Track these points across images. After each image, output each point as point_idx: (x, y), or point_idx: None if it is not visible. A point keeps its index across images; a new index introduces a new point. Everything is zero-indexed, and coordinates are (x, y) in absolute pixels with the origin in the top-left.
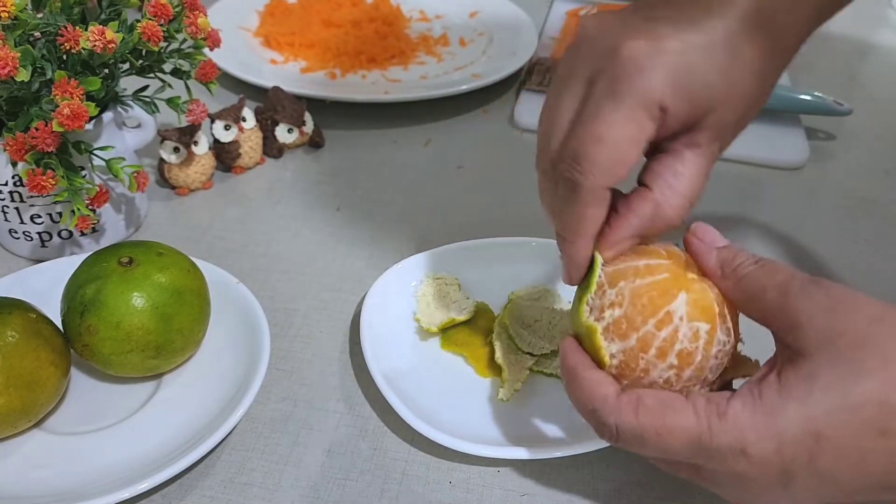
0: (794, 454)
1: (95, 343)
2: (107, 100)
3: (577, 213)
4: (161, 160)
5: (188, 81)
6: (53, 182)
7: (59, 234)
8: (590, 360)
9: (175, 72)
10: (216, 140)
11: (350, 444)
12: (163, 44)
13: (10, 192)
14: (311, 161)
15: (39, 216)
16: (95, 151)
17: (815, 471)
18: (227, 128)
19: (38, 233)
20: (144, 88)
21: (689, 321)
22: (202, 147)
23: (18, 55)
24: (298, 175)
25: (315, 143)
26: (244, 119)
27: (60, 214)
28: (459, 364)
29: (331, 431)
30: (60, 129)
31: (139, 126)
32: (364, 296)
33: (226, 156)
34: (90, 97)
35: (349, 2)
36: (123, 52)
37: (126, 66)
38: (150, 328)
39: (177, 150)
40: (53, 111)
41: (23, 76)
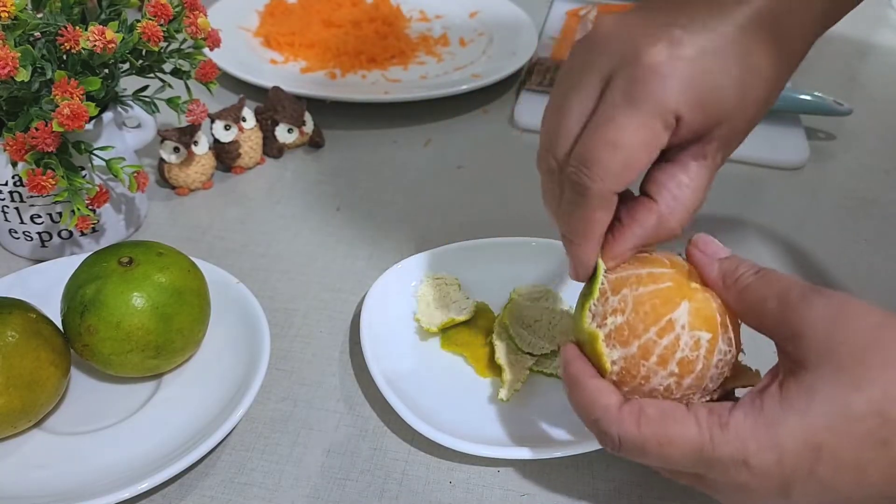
0: (795, 465)
1: (95, 343)
2: (107, 100)
3: (584, 217)
4: (161, 160)
5: (188, 81)
6: (53, 182)
7: (59, 234)
8: (592, 369)
9: (175, 72)
10: (216, 140)
11: (350, 444)
12: (163, 44)
13: (10, 192)
14: (311, 161)
15: (39, 216)
16: (95, 151)
17: (816, 481)
18: (227, 128)
19: (38, 233)
20: (144, 88)
21: (691, 330)
22: (202, 147)
23: (18, 55)
24: (298, 175)
25: (315, 143)
26: (244, 119)
27: (60, 214)
28: (459, 364)
29: (331, 431)
30: (60, 129)
31: (139, 126)
32: (364, 296)
33: (226, 156)
34: (90, 97)
35: (349, 2)
36: (123, 52)
37: (126, 66)
38: (150, 328)
39: (177, 150)
40: (53, 111)
41: (23, 76)
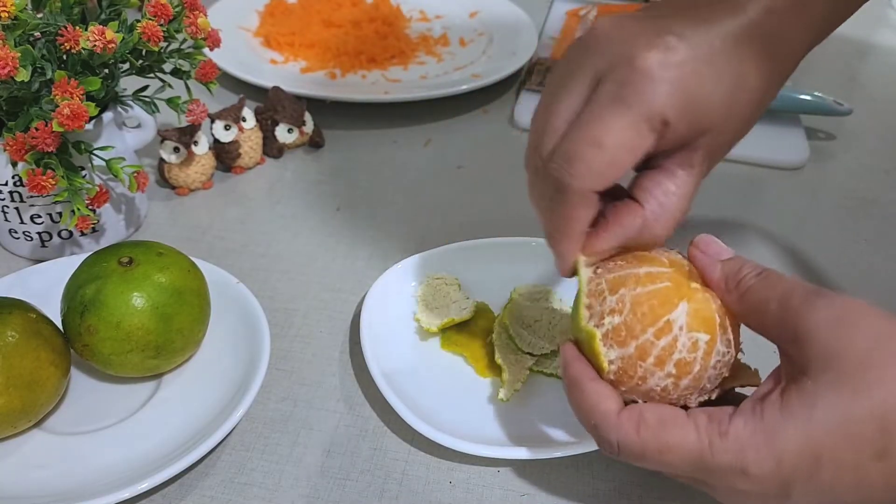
0: (793, 472)
1: (95, 343)
2: (107, 100)
3: (565, 214)
4: (161, 160)
5: (188, 81)
6: (53, 182)
7: (59, 234)
8: (592, 371)
9: (175, 72)
10: (216, 140)
11: (350, 444)
12: (163, 44)
13: (10, 192)
14: (311, 161)
15: (39, 216)
16: (95, 151)
17: (815, 487)
18: (227, 128)
19: (38, 233)
20: (144, 88)
21: (689, 331)
22: (202, 147)
23: (18, 55)
24: (298, 175)
25: (315, 143)
26: (244, 119)
27: (60, 214)
28: (459, 364)
29: (331, 431)
30: (60, 129)
31: (139, 126)
32: (364, 296)
33: (226, 156)
34: (90, 97)
35: (349, 2)
36: (123, 52)
37: (126, 66)
38: (150, 328)
39: (177, 150)
40: (53, 111)
41: (23, 76)
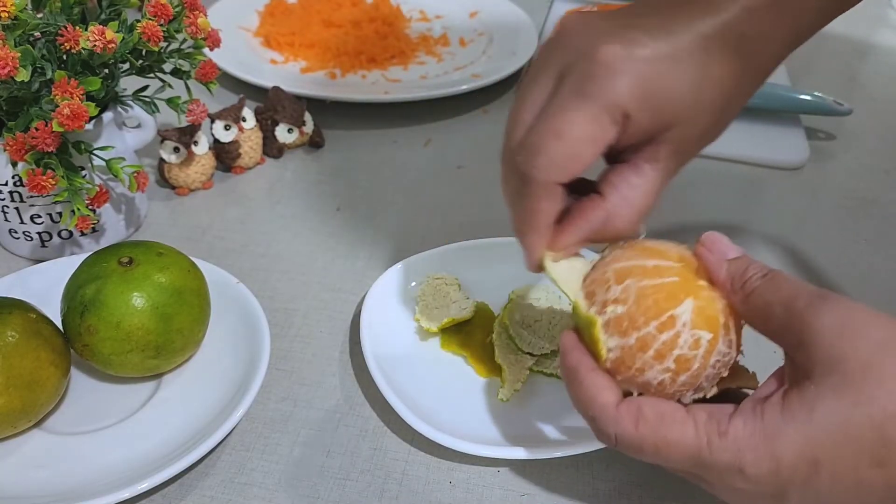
0: (791, 475)
1: (95, 343)
2: (107, 100)
3: (529, 206)
4: (161, 160)
5: (188, 81)
6: (53, 182)
7: (59, 234)
8: (590, 361)
9: (175, 72)
10: (216, 140)
11: (350, 444)
12: (163, 44)
13: (10, 192)
14: (311, 161)
15: (39, 216)
16: (95, 151)
17: (811, 492)
18: (227, 128)
19: (38, 233)
20: (144, 88)
21: (692, 329)
22: (202, 147)
23: (18, 55)
24: (298, 175)
25: (315, 143)
26: (244, 119)
27: (60, 214)
28: (459, 364)
29: (331, 431)
30: (60, 129)
31: (139, 126)
32: (364, 296)
33: (226, 156)
34: (90, 97)
35: (349, 2)
36: (123, 52)
37: (126, 66)
38: (150, 328)
39: (177, 150)
40: (53, 111)
41: (23, 76)
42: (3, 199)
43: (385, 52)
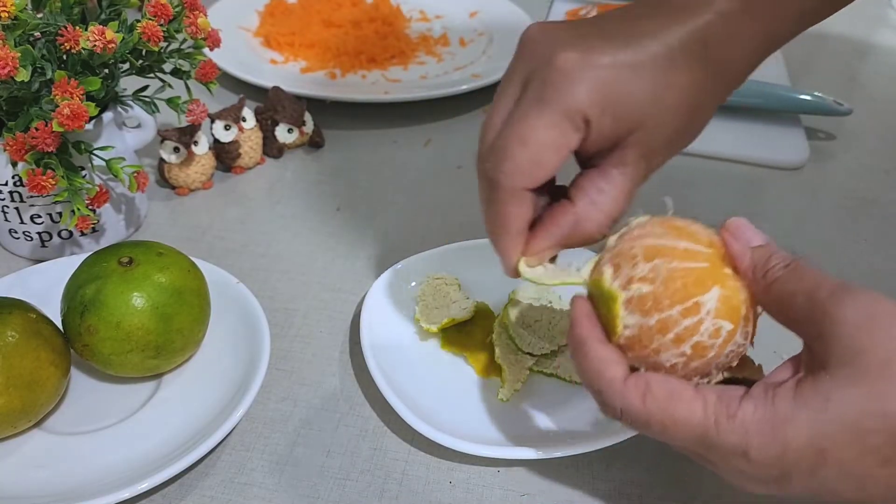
0: (796, 463)
1: (95, 343)
2: (107, 100)
3: (497, 212)
4: (161, 160)
5: (188, 81)
6: (53, 182)
7: (59, 234)
8: (599, 332)
9: (175, 72)
10: (216, 140)
11: (350, 444)
12: (163, 44)
13: (10, 192)
14: (311, 161)
15: (39, 216)
16: (95, 151)
17: (815, 480)
18: (227, 128)
19: (38, 233)
20: (144, 88)
21: (715, 318)
22: (202, 147)
23: (18, 55)
24: (298, 175)
25: (315, 143)
26: (244, 119)
27: (60, 214)
28: (459, 364)
29: (331, 431)
30: (60, 129)
31: (139, 126)
32: (364, 296)
33: (226, 156)
34: (90, 97)
35: (349, 2)
36: (123, 52)
37: (126, 66)
38: (150, 328)
39: (177, 150)
40: (53, 111)
41: (23, 76)
42: (3, 199)
43: (385, 52)
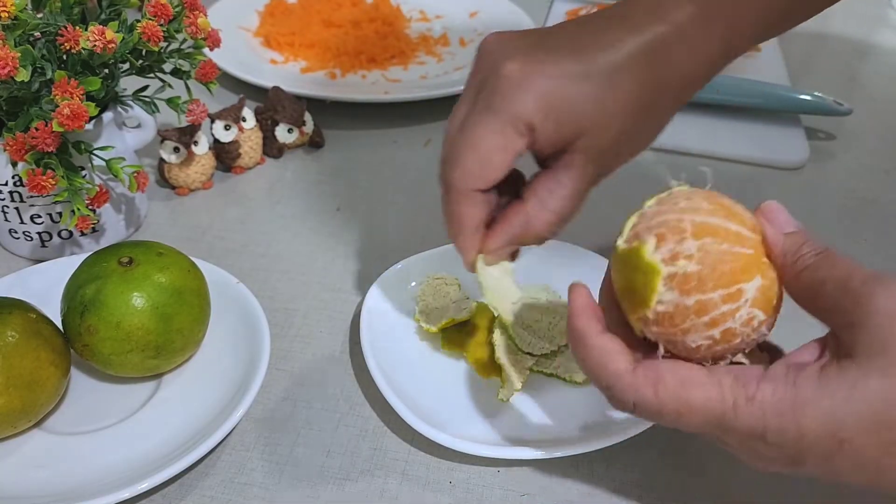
0: (812, 446)
1: (95, 343)
2: (107, 100)
3: (453, 212)
4: (161, 160)
5: (188, 81)
6: (53, 182)
7: (59, 234)
8: (599, 324)
9: (175, 72)
10: (216, 140)
11: (350, 444)
12: (163, 44)
13: (10, 192)
14: (311, 161)
15: (39, 216)
16: (95, 151)
17: (829, 465)
18: (227, 128)
19: (38, 233)
20: (144, 88)
21: (752, 307)
22: (202, 147)
23: (18, 55)
24: (298, 175)
25: (315, 143)
26: (244, 119)
27: (60, 214)
28: (459, 364)
29: (331, 431)
30: (60, 129)
31: (139, 126)
32: (364, 296)
33: (226, 156)
34: (90, 97)
35: (349, 2)
36: (123, 52)
37: (126, 66)
38: (150, 328)
39: (177, 150)
40: (53, 111)
41: (23, 76)
42: (3, 199)
43: (385, 52)
